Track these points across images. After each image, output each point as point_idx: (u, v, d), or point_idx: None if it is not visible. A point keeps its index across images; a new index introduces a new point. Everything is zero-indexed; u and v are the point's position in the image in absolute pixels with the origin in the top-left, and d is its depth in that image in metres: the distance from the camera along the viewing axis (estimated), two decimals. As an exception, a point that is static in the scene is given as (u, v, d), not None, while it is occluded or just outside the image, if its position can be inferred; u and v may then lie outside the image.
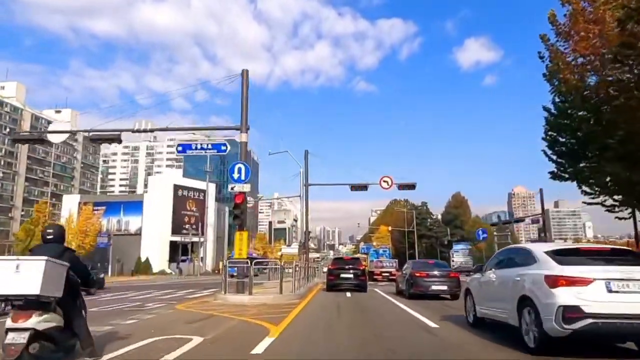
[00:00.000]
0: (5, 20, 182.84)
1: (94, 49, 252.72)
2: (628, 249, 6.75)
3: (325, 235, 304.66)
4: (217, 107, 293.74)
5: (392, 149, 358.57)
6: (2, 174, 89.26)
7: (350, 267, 19.26)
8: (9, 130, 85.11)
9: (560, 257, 5.74)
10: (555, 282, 5.28)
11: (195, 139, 15.56)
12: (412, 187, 25.07)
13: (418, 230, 68.82)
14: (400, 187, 24.90)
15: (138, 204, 72.67)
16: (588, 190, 16.87)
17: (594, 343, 5.80)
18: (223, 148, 14.97)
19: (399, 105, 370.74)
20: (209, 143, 15.13)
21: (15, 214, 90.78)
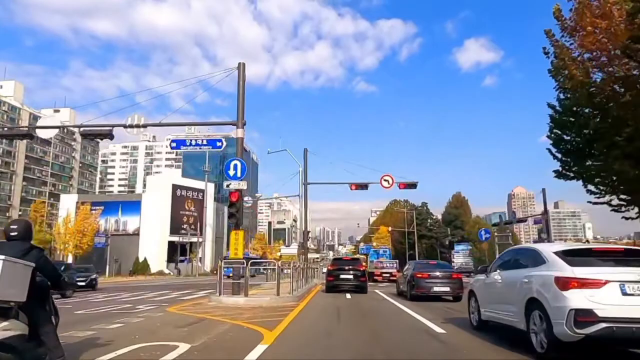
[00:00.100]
0: (6, 21, 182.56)
1: (94, 50, 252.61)
2: None
3: (325, 236, 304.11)
4: (217, 107, 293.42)
5: (392, 150, 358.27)
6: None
7: (350, 267, 18.82)
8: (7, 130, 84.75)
9: (571, 257, 5.48)
10: (566, 284, 5.04)
11: (196, 136, 14.98)
12: (413, 186, 24.51)
13: (418, 231, 68.43)
14: (402, 186, 24.31)
15: (136, 204, 72.41)
16: (593, 190, 16.56)
17: (606, 348, 5.54)
18: (219, 144, 14.45)
19: (399, 106, 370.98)
20: (204, 139, 14.63)
21: (13, 214, 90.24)
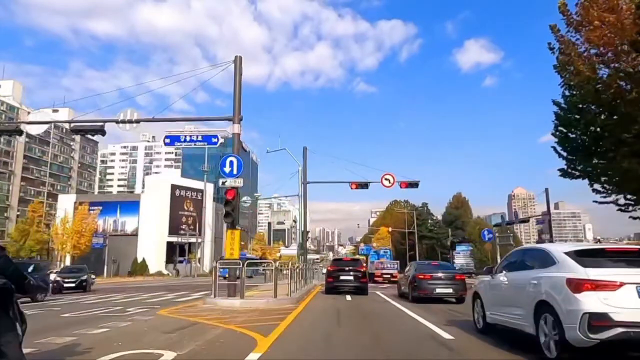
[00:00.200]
0: (6, 21, 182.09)
1: (95, 50, 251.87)
2: None
3: (325, 237, 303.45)
4: (217, 108, 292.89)
5: (392, 150, 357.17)
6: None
7: (351, 268, 18.31)
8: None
9: (583, 258, 5.21)
10: (579, 286, 4.78)
11: (191, 132, 14.45)
12: (415, 185, 23.91)
13: (418, 232, 67.82)
14: (403, 185, 23.70)
15: (135, 204, 71.86)
16: (599, 189, 16.10)
17: (620, 354, 5.24)
18: (214, 140, 13.91)
19: (399, 107, 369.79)
20: (199, 135, 14.09)
21: (11, 214, 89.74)
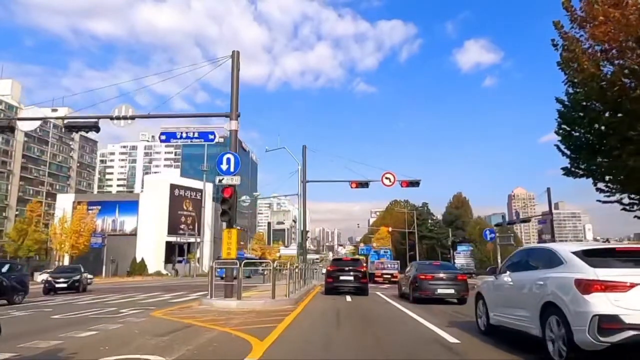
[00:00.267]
0: (6, 21, 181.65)
1: (95, 50, 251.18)
2: None
3: (325, 237, 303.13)
4: (217, 108, 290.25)
5: (392, 151, 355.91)
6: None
7: (351, 269, 17.97)
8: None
9: (592, 258, 5.04)
10: (588, 287, 4.61)
11: (187, 128, 14.10)
12: (416, 184, 23.52)
13: (419, 232, 67.47)
14: (404, 184, 23.30)
15: (134, 204, 71.59)
16: (603, 188, 15.77)
17: (632, 357, 4.96)
18: (211, 137, 13.55)
19: (399, 107, 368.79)
20: (196, 131, 13.73)
21: (10, 214, 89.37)
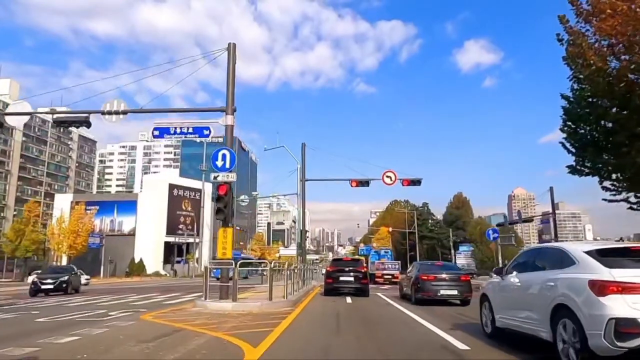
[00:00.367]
0: (6, 21, 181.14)
1: (95, 50, 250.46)
2: None
3: (324, 237, 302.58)
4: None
5: (392, 151, 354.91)
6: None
7: (351, 269, 17.50)
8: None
9: (606, 258, 4.81)
10: (604, 288, 4.39)
11: (181, 123, 13.62)
12: (417, 182, 23.03)
13: (419, 232, 67.00)
14: (405, 182, 22.81)
15: (132, 204, 71.15)
16: (609, 186, 15.34)
17: None
18: (206, 132, 13.05)
19: (399, 107, 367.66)
20: (190, 126, 13.23)
21: (8, 214, 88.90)
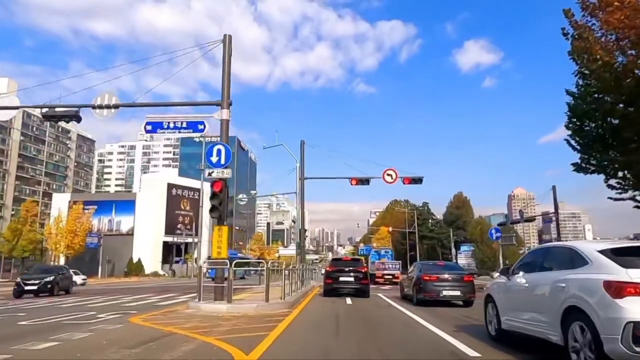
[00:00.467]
0: (6, 21, 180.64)
1: (94, 50, 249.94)
2: None
3: (324, 237, 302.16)
4: (217, 108, 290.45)
5: (391, 151, 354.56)
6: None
7: (351, 269, 17.06)
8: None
9: (622, 257, 4.49)
10: (621, 290, 4.12)
11: (175, 118, 13.15)
12: (418, 181, 22.60)
13: (419, 232, 66.60)
14: (406, 181, 22.37)
15: (130, 203, 70.64)
16: (615, 185, 14.96)
17: None
18: (200, 127, 12.62)
19: (399, 108, 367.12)
20: (184, 121, 12.78)
21: (5, 214, 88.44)
